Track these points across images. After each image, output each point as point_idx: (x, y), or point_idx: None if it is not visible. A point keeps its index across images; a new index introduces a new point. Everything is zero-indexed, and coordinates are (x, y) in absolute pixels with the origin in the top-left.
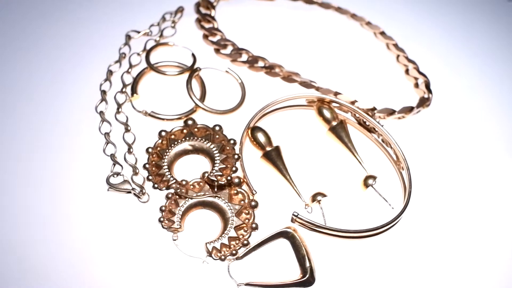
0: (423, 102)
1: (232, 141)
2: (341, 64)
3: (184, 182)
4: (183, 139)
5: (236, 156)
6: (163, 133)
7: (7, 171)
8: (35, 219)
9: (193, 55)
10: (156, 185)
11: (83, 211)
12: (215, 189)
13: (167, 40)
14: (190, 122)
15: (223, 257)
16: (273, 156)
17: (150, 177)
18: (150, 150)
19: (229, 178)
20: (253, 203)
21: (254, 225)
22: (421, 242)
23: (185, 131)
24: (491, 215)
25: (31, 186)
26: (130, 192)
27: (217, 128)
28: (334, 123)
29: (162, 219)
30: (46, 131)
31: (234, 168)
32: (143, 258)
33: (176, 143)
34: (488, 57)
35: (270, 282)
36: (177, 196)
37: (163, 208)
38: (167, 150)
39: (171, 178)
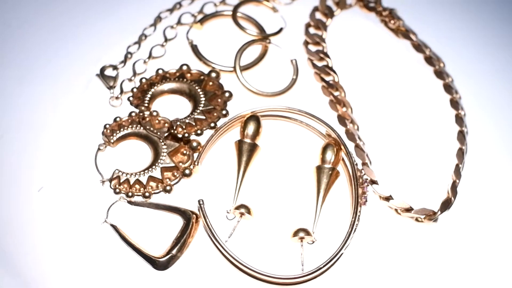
0: (427, 213)
1: (224, 112)
2: (403, 127)
3: (154, 113)
4: (190, 82)
5: (212, 124)
6: (184, 67)
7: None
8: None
9: (281, 29)
10: (131, 98)
11: (66, 85)
12: (167, 135)
13: (276, 5)
14: (213, 74)
15: (117, 190)
16: (243, 149)
17: (134, 89)
18: (159, 71)
19: (186, 135)
20: (187, 171)
21: (168, 187)
22: None
23: (201, 77)
24: None
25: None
26: (109, 89)
27: (226, 94)
28: (325, 166)
29: (107, 126)
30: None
31: (199, 132)
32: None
33: (182, 79)
34: None
35: (131, 239)
36: (137, 120)
37: (117, 119)
38: (169, 80)
39: (146, 102)
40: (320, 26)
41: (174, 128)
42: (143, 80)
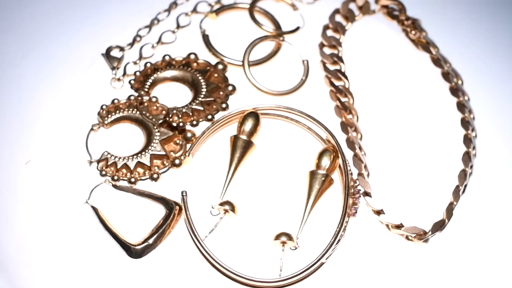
0: (417, 232)
1: (224, 105)
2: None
3: (154, 99)
4: (194, 71)
5: (209, 116)
6: (192, 56)
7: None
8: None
9: (297, 28)
10: (132, 81)
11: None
12: (162, 122)
13: (297, 3)
14: (220, 66)
15: (104, 172)
16: (238, 145)
17: (137, 73)
18: (166, 58)
19: (181, 124)
20: (176, 161)
21: (155, 175)
22: None
23: (208, 68)
24: None
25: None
26: (112, 69)
27: (229, 88)
28: (319, 171)
29: (104, 106)
30: None
31: (195, 122)
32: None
33: (187, 68)
34: None
35: (109, 223)
36: (135, 103)
37: (115, 101)
38: (174, 67)
39: (147, 87)
40: (339, 29)
41: (170, 116)
42: (148, 65)
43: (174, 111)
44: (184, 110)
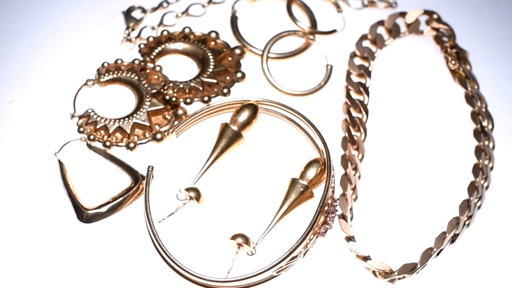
0: (383, 269)
1: (225, 90)
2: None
3: (157, 68)
4: (207, 50)
5: (206, 98)
6: (213, 34)
7: None
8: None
9: (334, 31)
10: (142, 45)
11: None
12: (155, 93)
13: (344, 5)
14: (237, 50)
15: (82, 129)
16: (225, 134)
17: (150, 38)
18: (186, 30)
19: (173, 99)
20: (158, 136)
21: (132, 145)
22: None
23: (224, 49)
24: None
25: None
26: (126, 29)
27: (238, 74)
28: (300, 181)
29: (106, 64)
30: None
31: (188, 100)
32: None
33: (201, 44)
34: None
35: (70, 180)
36: (136, 68)
37: (118, 61)
38: (190, 41)
39: (154, 56)
40: (377, 42)
41: (165, 88)
42: (164, 33)
43: (171, 84)
44: (181, 86)
